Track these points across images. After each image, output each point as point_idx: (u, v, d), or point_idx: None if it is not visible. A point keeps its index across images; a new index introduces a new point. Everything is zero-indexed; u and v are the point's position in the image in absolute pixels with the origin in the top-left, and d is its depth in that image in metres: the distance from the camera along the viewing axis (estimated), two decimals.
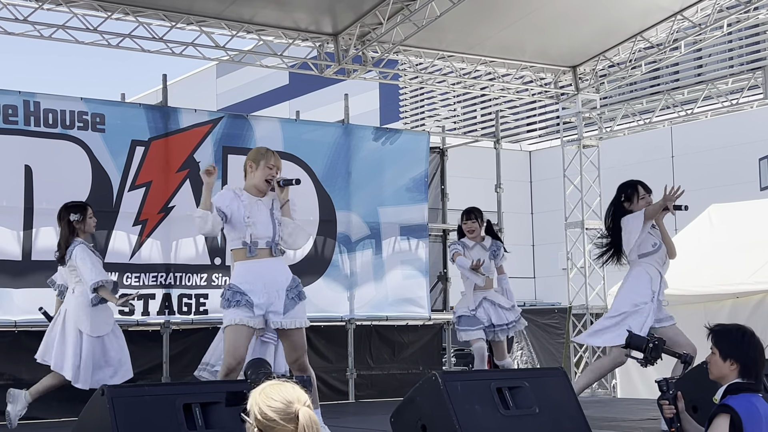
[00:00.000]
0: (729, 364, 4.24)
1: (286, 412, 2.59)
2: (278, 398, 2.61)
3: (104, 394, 3.84)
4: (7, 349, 8.71)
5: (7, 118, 8.56)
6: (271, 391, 2.63)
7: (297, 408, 2.59)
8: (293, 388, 2.65)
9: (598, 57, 12.18)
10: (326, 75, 11.20)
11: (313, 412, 2.65)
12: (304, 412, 2.59)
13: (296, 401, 2.62)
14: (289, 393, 2.64)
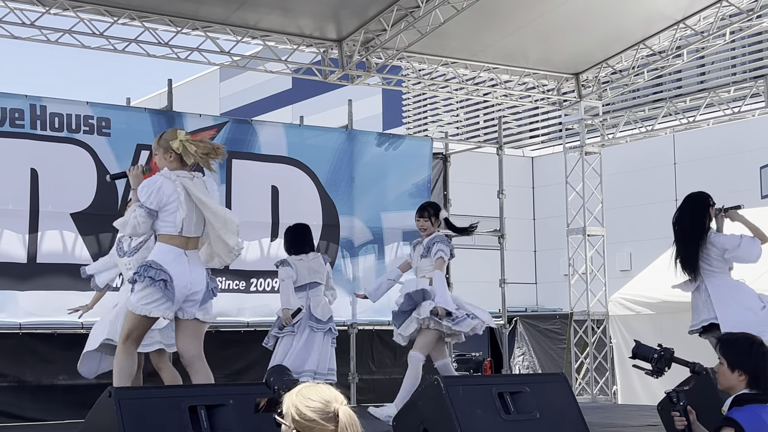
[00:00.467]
0: (737, 374, 4.21)
1: (326, 411, 2.59)
2: (316, 398, 2.61)
3: (111, 395, 3.89)
4: (11, 351, 8.78)
5: (14, 121, 8.63)
6: (308, 392, 2.64)
7: (336, 407, 2.58)
8: (329, 388, 2.65)
9: (601, 64, 12.24)
10: (330, 80, 11.26)
11: (353, 413, 2.64)
12: (344, 410, 2.59)
13: (334, 400, 2.62)
14: (326, 393, 2.65)
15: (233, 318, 9.72)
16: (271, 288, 9.83)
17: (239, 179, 9.77)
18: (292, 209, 9.87)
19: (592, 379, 12.41)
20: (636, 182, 18.54)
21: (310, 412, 2.59)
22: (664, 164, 19.49)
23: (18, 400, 8.80)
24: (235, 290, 9.68)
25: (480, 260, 17.85)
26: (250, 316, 9.80)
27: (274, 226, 9.93)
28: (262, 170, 9.92)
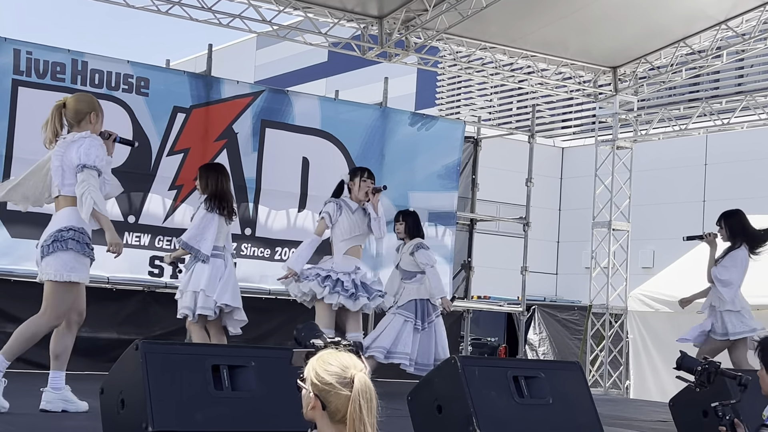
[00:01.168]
0: None
1: (343, 377, 2.64)
2: (335, 363, 2.67)
3: (138, 348, 4.00)
4: (37, 300, 8.85)
5: (55, 75, 8.75)
6: (329, 357, 2.70)
7: (353, 373, 2.64)
8: (350, 356, 2.71)
9: (640, 60, 12.22)
10: (368, 57, 11.31)
11: (369, 380, 2.68)
12: (360, 377, 2.64)
13: (353, 367, 2.67)
14: (346, 359, 2.70)
15: (255, 284, 9.84)
16: None
17: (271, 148, 9.87)
18: (321, 182, 9.96)
19: (605, 372, 12.46)
20: (665, 180, 18.48)
21: (328, 376, 2.65)
22: (694, 164, 19.41)
23: (40, 349, 8.86)
24: (259, 257, 9.80)
25: (503, 247, 17.90)
26: (273, 284, 9.90)
27: (302, 197, 10.03)
28: (294, 141, 10.00)
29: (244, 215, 9.68)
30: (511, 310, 13.42)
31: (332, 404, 2.65)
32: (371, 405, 2.64)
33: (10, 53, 8.58)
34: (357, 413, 2.61)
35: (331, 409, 2.66)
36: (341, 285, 7.40)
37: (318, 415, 2.69)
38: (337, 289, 7.38)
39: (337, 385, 2.64)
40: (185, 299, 7.09)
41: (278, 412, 4.19)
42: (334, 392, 2.64)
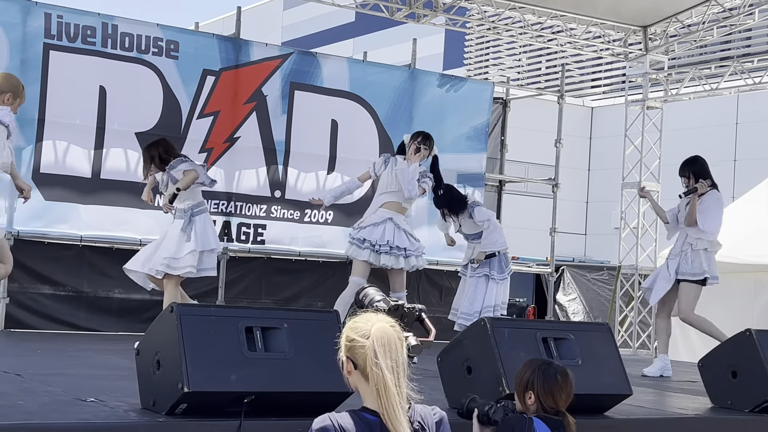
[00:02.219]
0: None
1: (363, 330, 2.68)
2: (361, 321, 2.71)
3: (173, 310, 4.07)
4: (71, 262, 9.07)
5: (86, 38, 8.80)
6: (359, 317, 2.74)
7: (372, 324, 2.66)
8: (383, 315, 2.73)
9: (671, 18, 12.08)
10: (396, 18, 11.27)
11: (389, 328, 2.66)
12: (378, 326, 2.65)
13: (378, 321, 2.69)
14: (374, 316, 2.73)
15: (286, 246, 9.92)
16: (324, 220, 10.00)
17: (300, 111, 9.90)
18: (350, 144, 10.00)
19: (635, 332, 12.49)
20: (696, 140, 18.31)
21: (352, 332, 2.70)
22: (726, 123, 19.24)
23: (75, 310, 9.11)
24: (289, 219, 9.87)
25: (532, 207, 17.89)
26: (303, 245, 10.00)
27: (331, 159, 10.07)
28: (323, 103, 10.02)
29: (273, 178, 9.75)
30: (540, 271, 13.43)
31: (360, 360, 2.69)
32: (388, 349, 2.65)
33: (41, 17, 8.64)
34: (372, 359, 2.63)
35: (360, 366, 2.70)
36: (367, 242, 7.46)
37: (355, 378, 2.74)
38: (365, 246, 7.44)
39: (359, 339, 2.67)
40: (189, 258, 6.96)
41: (310, 372, 4.26)
42: (357, 347, 2.67)
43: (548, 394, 3.83)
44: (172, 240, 6.99)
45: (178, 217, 7.06)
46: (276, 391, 4.15)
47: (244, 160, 9.58)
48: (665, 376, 7.60)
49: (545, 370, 3.90)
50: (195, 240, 6.94)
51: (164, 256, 6.93)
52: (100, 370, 5.91)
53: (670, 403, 6.18)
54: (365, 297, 3.37)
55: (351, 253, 7.59)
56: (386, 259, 7.51)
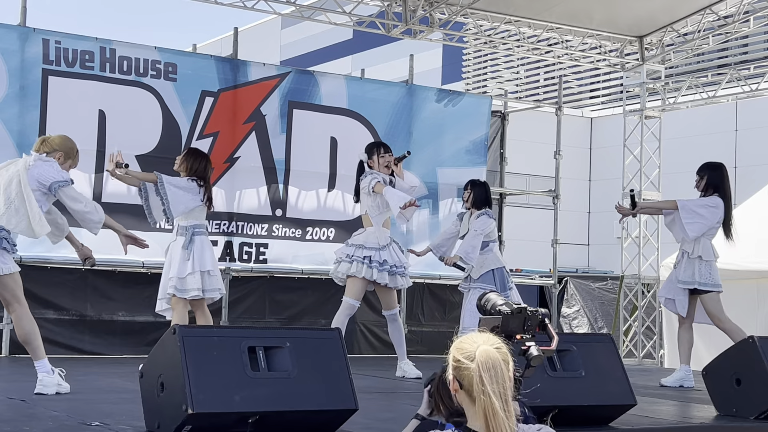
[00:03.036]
0: None
1: (469, 351, 2.67)
2: (467, 342, 2.71)
3: (175, 332, 4.09)
4: (74, 286, 9.09)
5: (84, 63, 8.85)
6: (466, 338, 2.74)
7: (478, 346, 2.65)
8: (489, 335, 2.72)
9: (666, 28, 12.12)
10: (393, 34, 11.31)
11: (494, 351, 2.65)
12: (483, 349, 2.64)
13: (483, 343, 2.68)
14: (479, 337, 2.71)
15: (288, 265, 9.93)
16: (326, 237, 10.02)
17: (299, 129, 9.93)
18: (350, 161, 9.97)
19: (639, 342, 12.47)
20: (695, 148, 18.34)
21: (458, 353, 2.70)
22: (724, 131, 19.25)
23: (78, 334, 9.12)
24: (291, 238, 9.88)
25: (533, 219, 17.88)
26: (305, 263, 10.02)
27: (331, 177, 10.10)
28: (322, 121, 10.06)
29: (274, 197, 9.78)
30: (543, 283, 13.44)
31: (466, 381, 2.69)
32: (494, 374, 2.64)
33: (39, 43, 8.68)
34: (479, 385, 2.64)
35: (466, 387, 2.70)
36: (369, 260, 7.47)
37: (461, 396, 2.75)
38: (366, 263, 7.46)
39: (464, 360, 2.67)
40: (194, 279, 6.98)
41: (314, 391, 4.27)
42: (463, 368, 2.68)
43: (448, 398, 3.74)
44: (176, 259, 7.04)
45: (180, 234, 7.09)
46: (280, 410, 4.16)
47: (244, 180, 9.61)
48: (686, 387, 7.53)
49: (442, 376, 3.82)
50: (192, 260, 6.97)
51: (171, 276, 6.98)
52: (105, 394, 5.92)
53: (675, 412, 6.18)
54: (487, 302, 3.32)
55: (354, 272, 7.52)
56: (390, 279, 7.55)
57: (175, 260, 7.00)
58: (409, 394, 6.40)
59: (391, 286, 7.59)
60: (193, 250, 6.97)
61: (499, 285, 7.98)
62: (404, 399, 6.14)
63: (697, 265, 7.62)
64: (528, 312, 3.29)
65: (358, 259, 7.48)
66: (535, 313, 3.30)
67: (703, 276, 7.57)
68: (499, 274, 8.09)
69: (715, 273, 7.63)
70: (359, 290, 7.53)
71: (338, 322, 7.41)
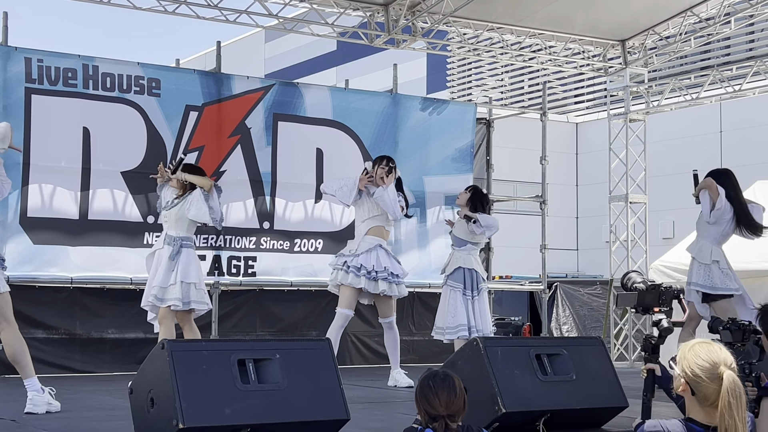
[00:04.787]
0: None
1: (712, 372, 2.88)
2: (705, 358, 2.91)
3: (164, 347, 4.07)
4: (63, 305, 9.04)
5: (67, 81, 8.82)
6: (700, 349, 2.93)
7: (722, 370, 2.85)
8: (720, 348, 2.94)
9: (648, 31, 12.17)
10: (376, 44, 11.33)
11: (738, 379, 2.88)
12: (728, 375, 2.85)
13: (722, 363, 2.89)
14: (716, 354, 2.92)
15: (277, 277, 9.91)
16: (314, 248, 10.01)
17: (285, 141, 9.93)
18: (336, 172, 10.00)
19: (630, 345, 12.48)
20: (680, 150, 18.44)
21: (699, 370, 2.90)
22: (709, 132, 19.34)
23: (68, 352, 9.07)
24: (279, 250, 9.86)
25: (521, 225, 17.92)
26: (294, 275, 9.99)
27: (318, 188, 10.08)
28: (307, 133, 10.06)
29: (261, 209, 9.76)
30: (533, 289, 13.45)
31: (700, 393, 2.91)
32: (740, 402, 2.86)
33: (21, 62, 8.66)
34: (727, 409, 2.84)
35: (699, 396, 2.92)
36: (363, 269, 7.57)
37: (688, 396, 2.96)
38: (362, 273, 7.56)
39: (705, 379, 2.89)
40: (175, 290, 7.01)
41: (305, 402, 4.26)
42: (703, 384, 2.89)
43: (426, 401, 3.74)
44: (162, 267, 7.08)
45: (167, 243, 7.11)
46: (271, 422, 4.15)
47: (231, 194, 9.58)
48: None
49: (422, 380, 3.81)
50: (177, 271, 7.00)
51: (154, 285, 7.00)
52: (96, 412, 5.89)
53: (667, 413, 6.16)
54: (628, 280, 3.79)
55: (347, 281, 7.56)
56: (384, 286, 7.60)
57: (161, 269, 7.03)
58: (402, 404, 6.39)
59: (387, 294, 7.65)
60: (179, 261, 7.00)
61: (468, 284, 8.00)
62: (397, 408, 6.13)
63: (695, 267, 7.61)
64: (662, 288, 3.79)
65: (344, 269, 7.56)
66: (669, 288, 3.80)
67: (702, 278, 7.54)
68: (470, 274, 8.11)
69: (716, 276, 7.55)
70: (350, 299, 7.61)
71: (332, 333, 7.46)
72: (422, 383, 3.75)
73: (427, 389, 3.70)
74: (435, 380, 3.72)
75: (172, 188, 7.35)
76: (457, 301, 7.92)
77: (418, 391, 3.74)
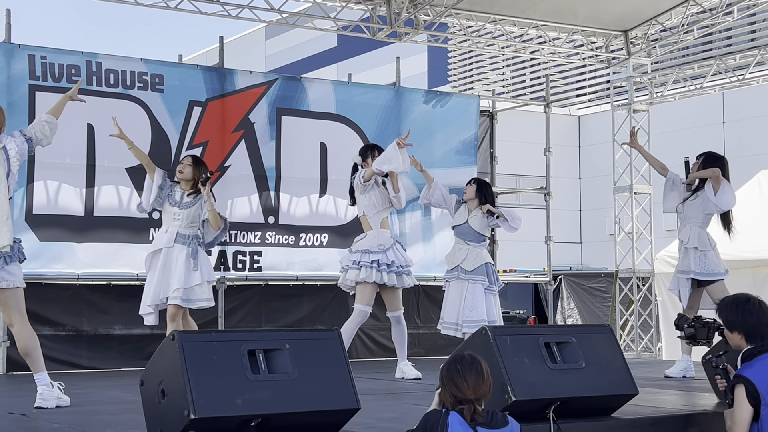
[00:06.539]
0: (736, 334, 4.53)
1: None
2: None
3: (174, 338, 4.07)
4: (69, 301, 9.05)
5: (71, 77, 8.82)
6: None
7: None
8: None
9: (651, 21, 12.16)
10: (378, 38, 11.32)
11: None
12: None
13: None
14: None
15: (283, 272, 9.91)
16: (319, 243, 10.01)
17: (288, 136, 9.92)
18: (340, 166, 9.99)
19: (636, 335, 12.48)
20: (684, 140, 18.40)
21: None
22: (713, 122, 19.32)
23: (75, 349, 9.09)
24: (284, 245, 9.87)
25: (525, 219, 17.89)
26: (299, 270, 10.00)
27: (322, 182, 10.09)
28: (311, 127, 10.05)
29: (266, 204, 9.76)
30: (538, 281, 13.45)
31: None
32: None
33: (24, 59, 8.66)
34: None
35: None
36: (377, 263, 7.53)
37: None
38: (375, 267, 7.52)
39: None
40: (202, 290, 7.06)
41: (315, 391, 4.26)
42: None
43: (453, 385, 3.76)
44: (180, 267, 7.00)
45: (180, 242, 7.06)
46: (282, 412, 4.15)
47: (235, 189, 9.60)
48: (688, 377, 7.56)
49: (449, 363, 3.83)
50: (201, 271, 7.00)
51: (176, 287, 6.95)
52: (105, 405, 5.90)
53: (677, 401, 6.18)
54: None
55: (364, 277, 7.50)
56: (398, 279, 7.62)
57: (179, 269, 6.96)
58: (411, 395, 6.40)
59: (398, 286, 7.64)
60: (200, 261, 7.01)
61: (493, 278, 8.00)
62: (406, 399, 6.13)
63: (693, 255, 7.65)
64: None
65: (366, 264, 7.50)
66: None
67: (699, 265, 7.59)
68: (492, 269, 8.10)
69: (712, 262, 7.63)
70: (370, 295, 7.55)
71: (348, 330, 7.40)
72: (449, 367, 3.76)
73: (455, 373, 3.72)
74: (463, 364, 3.74)
75: (176, 185, 7.29)
76: (477, 295, 7.87)
77: (445, 375, 3.75)
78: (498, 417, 3.82)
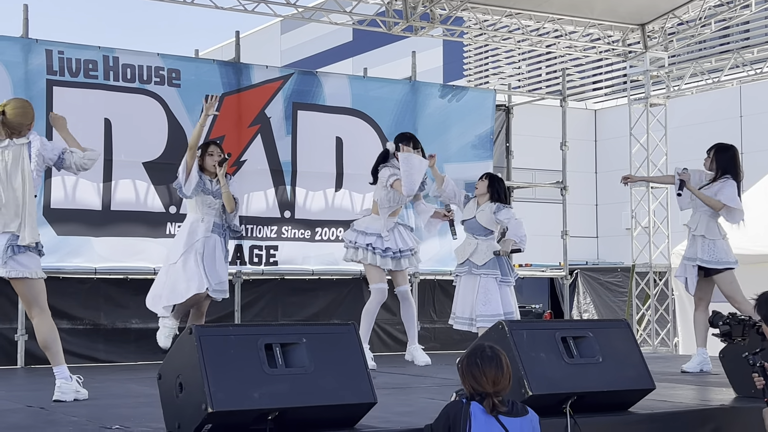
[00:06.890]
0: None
1: None
2: None
3: (192, 332, 4.09)
4: (86, 295, 9.09)
5: (88, 72, 8.86)
6: None
7: None
8: None
9: (668, 15, 12.11)
10: (394, 32, 11.32)
11: None
12: None
13: None
14: None
15: (299, 266, 9.93)
16: (335, 237, 10.02)
17: (304, 130, 9.93)
18: (356, 160, 10.01)
19: (653, 330, 12.45)
20: (701, 134, 18.31)
21: None
22: (730, 116, 19.23)
23: (92, 343, 9.13)
24: (300, 239, 9.88)
25: (541, 213, 17.88)
26: (315, 264, 10.01)
27: (338, 176, 10.09)
28: (326, 121, 10.06)
29: (282, 198, 9.78)
30: (554, 275, 13.42)
31: None
32: None
33: (42, 54, 8.70)
34: None
35: None
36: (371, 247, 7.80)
37: None
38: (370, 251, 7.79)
39: None
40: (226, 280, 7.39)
41: (332, 385, 4.27)
42: None
43: (472, 378, 3.74)
44: (220, 260, 7.29)
45: (216, 233, 7.23)
46: (299, 406, 4.16)
47: (251, 183, 9.61)
48: (705, 371, 7.53)
49: (468, 356, 3.81)
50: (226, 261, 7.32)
51: (216, 281, 7.20)
52: (123, 399, 5.93)
53: (694, 396, 6.16)
54: None
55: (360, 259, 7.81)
56: (394, 263, 7.88)
57: (218, 260, 7.21)
58: (427, 389, 6.40)
59: (395, 269, 7.90)
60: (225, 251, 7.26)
61: (507, 269, 7.98)
62: (422, 393, 6.14)
63: (700, 243, 7.62)
64: None
65: (362, 246, 7.79)
66: None
67: (707, 253, 7.55)
68: (505, 260, 8.10)
69: (721, 250, 7.59)
70: (377, 273, 7.82)
71: (369, 311, 7.67)
72: (469, 360, 3.75)
73: (474, 366, 3.71)
74: (482, 357, 3.72)
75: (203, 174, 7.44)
76: (490, 289, 7.86)
77: (464, 367, 3.74)
78: (518, 406, 3.83)
